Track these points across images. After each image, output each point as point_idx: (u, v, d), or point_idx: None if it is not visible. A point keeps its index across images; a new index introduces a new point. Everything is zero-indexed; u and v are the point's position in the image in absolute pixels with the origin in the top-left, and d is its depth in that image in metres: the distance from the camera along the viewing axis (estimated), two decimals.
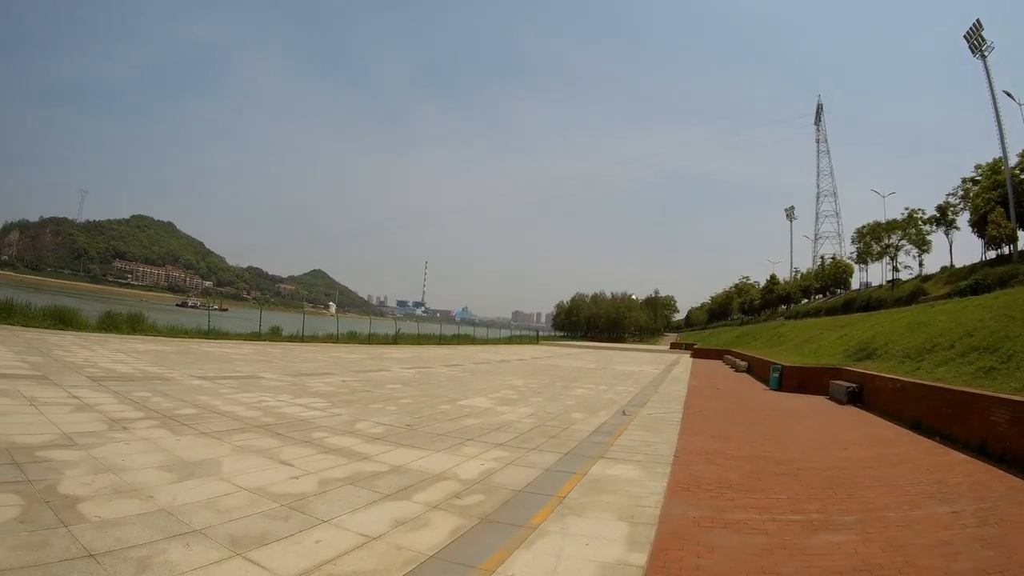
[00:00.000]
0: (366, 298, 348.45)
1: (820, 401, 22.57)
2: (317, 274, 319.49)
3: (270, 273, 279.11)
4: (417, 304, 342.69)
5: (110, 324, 29.08)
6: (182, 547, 5.14)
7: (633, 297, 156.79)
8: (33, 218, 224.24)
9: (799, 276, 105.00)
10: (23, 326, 24.70)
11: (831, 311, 67.65)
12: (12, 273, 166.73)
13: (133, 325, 30.08)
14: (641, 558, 5.63)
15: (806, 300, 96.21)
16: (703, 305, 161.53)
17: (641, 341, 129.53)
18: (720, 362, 51.06)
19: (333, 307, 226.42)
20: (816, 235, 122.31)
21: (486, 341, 65.72)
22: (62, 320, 27.22)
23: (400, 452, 9.82)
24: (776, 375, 27.51)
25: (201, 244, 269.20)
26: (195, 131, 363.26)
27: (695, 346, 74.91)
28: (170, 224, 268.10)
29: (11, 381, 12.00)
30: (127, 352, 20.90)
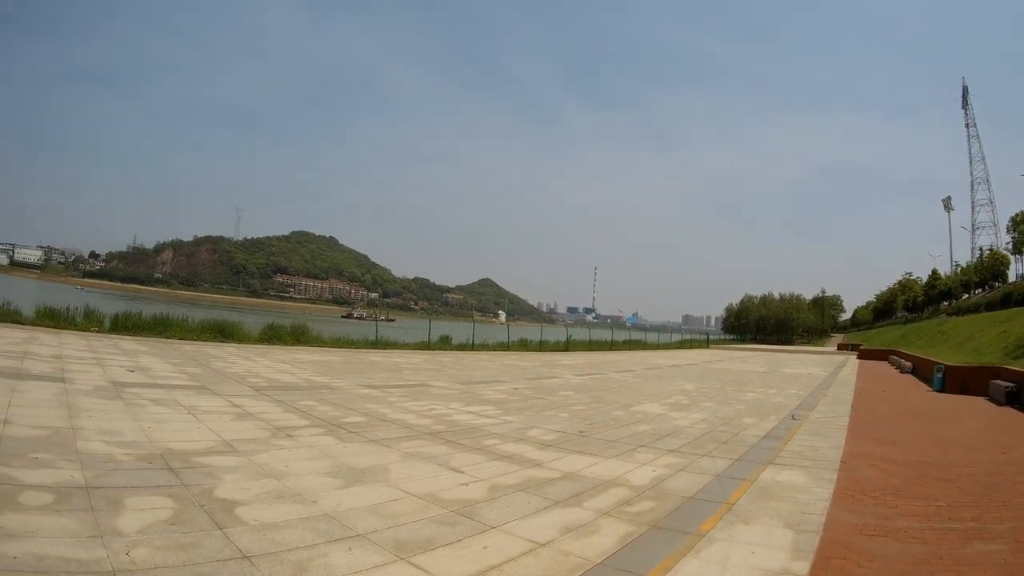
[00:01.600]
0: (536, 305, 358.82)
1: (980, 402, 24.19)
2: (485, 283, 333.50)
3: (437, 283, 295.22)
4: (588, 310, 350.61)
5: (273, 336, 32.27)
6: (344, 551, 5.64)
7: (801, 297, 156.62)
8: (187, 238, 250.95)
9: (959, 270, 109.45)
10: (180, 339, 27.76)
11: (990, 306, 70.32)
12: (167, 290, 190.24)
13: (297, 337, 33.17)
14: (804, 567, 6.11)
15: (966, 295, 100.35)
16: (868, 304, 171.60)
17: (809, 342, 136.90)
18: (886, 363, 54.82)
19: (503, 315, 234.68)
20: (973, 225, 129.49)
21: (657, 346, 71.24)
22: (222, 333, 30.42)
23: (572, 459, 10.69)
24: (939, 375, 29.87)
25: (366, 257, 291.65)
26: (349, 145, 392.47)
27: (861, 347, 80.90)
28: (332, 239, 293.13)
29: (168, 391, 13.57)
30: (291, 363, 23.15)
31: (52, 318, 25.99)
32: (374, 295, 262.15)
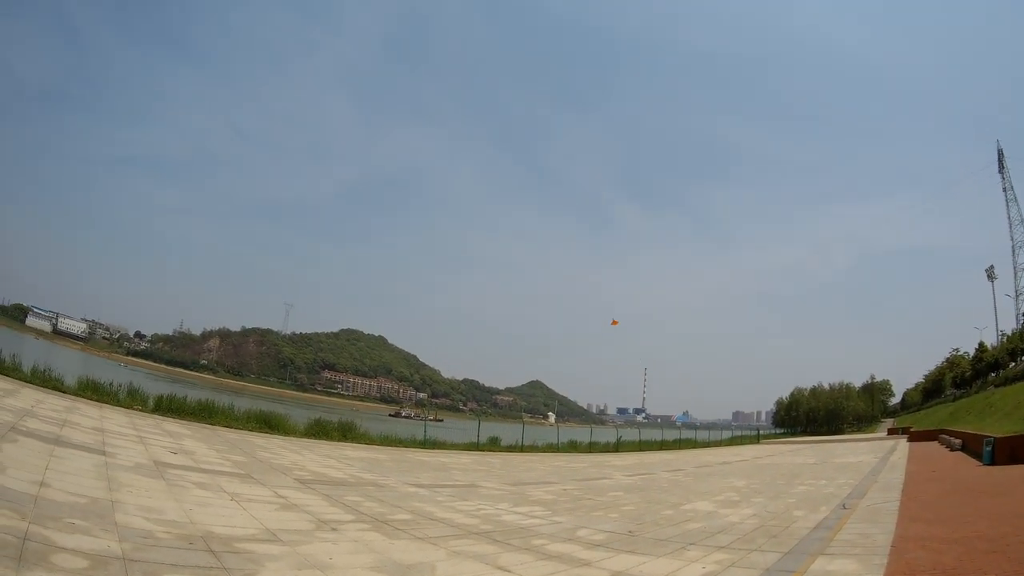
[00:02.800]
0: (586, 407, 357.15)
1: None
2: (535, 385, 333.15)
3: (486, 385, 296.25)
4: (638, 411, 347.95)
5: (320, 431, 32.32)
6: None
7: (850, 385, 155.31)
8: (234, 327, 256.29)
9: (1005, 339, 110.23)
10: (225, 427, 28.03)
11: None
12: (213, 376, 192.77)
13: (344, 433, 33.20)
14: None
15: (1013, 364, 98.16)
16: (917, 385, 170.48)
17: (860, 430, 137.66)
18: (936, 443, 55.28)
19: (552, 417, 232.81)
20: (1016, 291, 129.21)
21: (707, 444, 71.52)
22: (268, 424, 30.70)
23: (621, 558, 10.68)
24: (988, 449, 30.18)
25: (415, 357, 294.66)
26: (400, 244, 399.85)
27: (911, 429, 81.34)
28: (381, 338, 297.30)
29: (212, 476, 13.71)
30: (337, 458, 23.14)
31: (95, 391, 26.49)
32: (423, 395, 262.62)
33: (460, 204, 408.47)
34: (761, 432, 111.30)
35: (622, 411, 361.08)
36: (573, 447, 47.17)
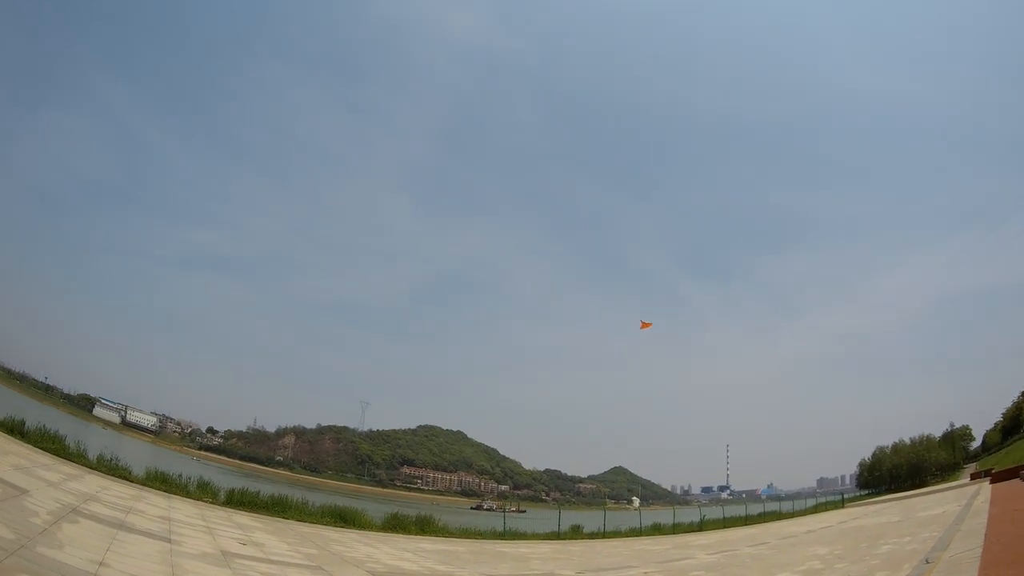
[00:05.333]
0: (669, 489, 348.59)
1: None
2: (618, 471, 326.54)
3: (568, 474, 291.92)
4: (722, 488, 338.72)
5: (397, 524, 32.10)
6: None
7: (931, 436, 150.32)
8: (309, 425, 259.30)
9: None
10: (298, 520, 28.12)
11: None
12: (288, 472, 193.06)
13: (422, 526, 32.99)
14: None
15: None
16: (996, 424, 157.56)
17: (943, 480, 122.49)
18: (1018, 480, 52.62)
19: (636, 501, 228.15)
20: None
21: (792, 514, 70.67)
22: (343, 518, 30.57)
23: None
24: None
25: (495, 450, 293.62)
26: (475, 340, 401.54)
27: (992, 471, 74.69)
28: (460, 433, 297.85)
29: (281, 568, 13.56)
30: (414, 551, 22.82)
31: (163, 482, 26.91)
32: (504, 487, 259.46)
33: (526, 295, 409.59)
34: (845, 496, 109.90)
35: (706, 490, 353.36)
36: (657, 530, 46.79)
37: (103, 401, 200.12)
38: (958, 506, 40.31)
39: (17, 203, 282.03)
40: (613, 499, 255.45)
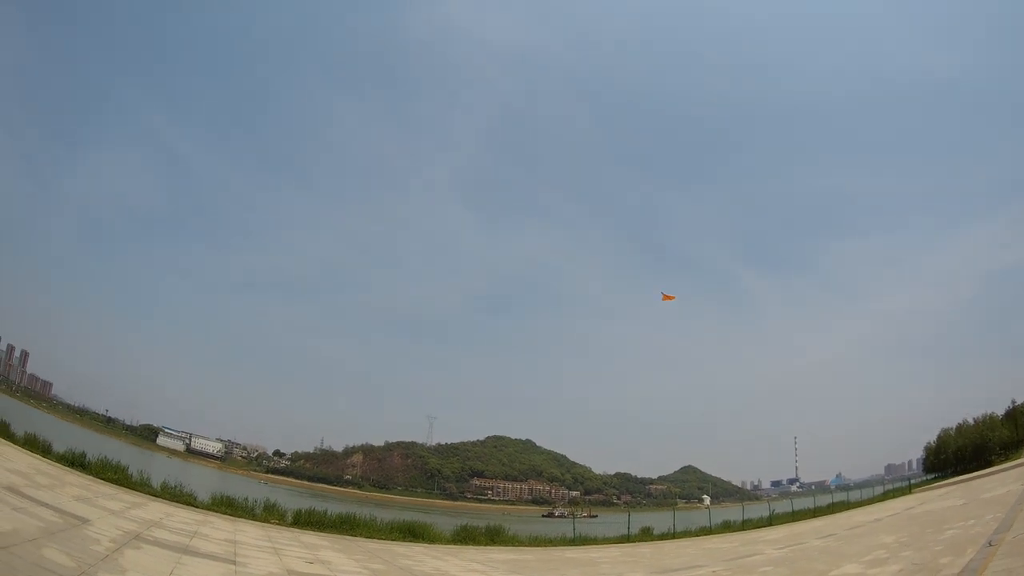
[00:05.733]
0: (740, 485, 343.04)
1: None
2: (688, 470, 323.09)
3: (639, 476, 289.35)
4: (791, 480, 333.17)
5: (466, 536, 32.28)
6: None
7: (993, 415, 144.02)
8: (377, 442, 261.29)
9: None
10: (367, 537, 28.34)
11: None
12: (357, 491, 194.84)
13: (492, 537, 33.07)
14: None
15: None
16: None
17: (1007, 459, 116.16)
18: None
19: (707, 499, 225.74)
20: None
21: (860, 503, 69.63)
22: (412, 533, 30.76)
23: None
24: None
25: (564, 457, 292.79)
26: (538, 348, 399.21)
27: None
28: (528, 441, 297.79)
29: None
30: (483, 562, 22.88)
31: (229, 506, 27.40)
32: (575, 493, 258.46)
33: (587, 296, 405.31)
34: (912, 481, 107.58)
35: (776, 484, 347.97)
36: (727, 527, 46.83)
37: (166, 430, 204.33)
38: (1021, 485, 40.16)
39: (73, 237, 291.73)
40: (684, 499, 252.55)
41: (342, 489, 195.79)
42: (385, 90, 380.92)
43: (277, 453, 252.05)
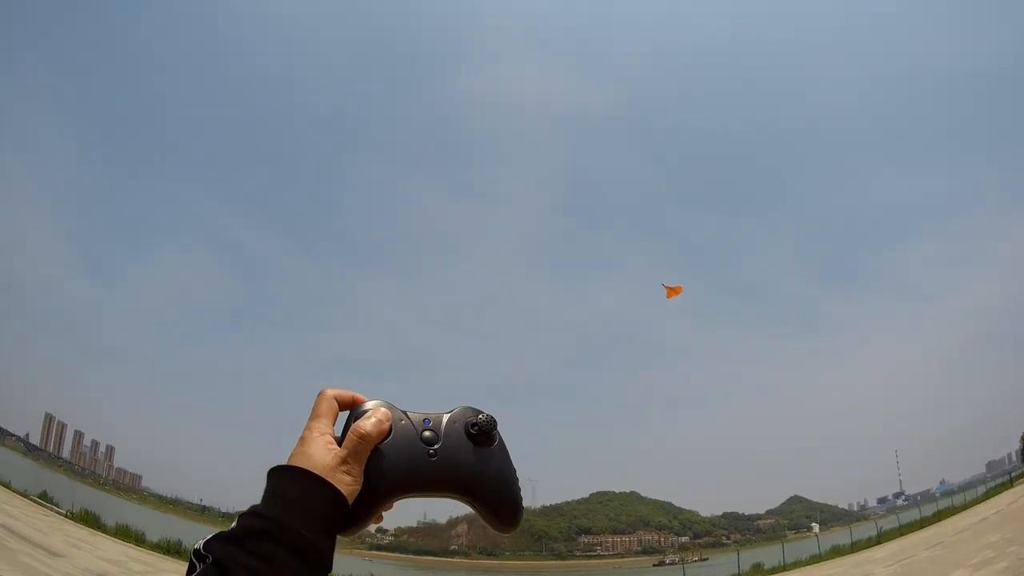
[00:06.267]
0: (846, 507, 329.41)
1: None
2: (794, 500, 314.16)
3: (746, 513, 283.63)
4: (897, 495, 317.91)
5: None
6: None
7: None
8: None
9: None
10: None
11: None
12: (465, 560, 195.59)
13: None
14: None
15: None
16: None
17: None
18: None
19: (815, 527, 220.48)
20: None
21: (964, 506, 67.23)
22: None
23: None
24: None
25: (670, 503, 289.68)
26: (629, 402, 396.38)
27: None
28: (633, 493, 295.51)
29: None
30: None
31: None
32: (684, 539, 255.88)
33: (674, 343, 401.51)
34: (1012, 474, 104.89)
35: (882, 500, 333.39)
36: (836, 552, 47.63)
37: None
38: None
39: (152, 338, 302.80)
40: (792, 530, 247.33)
41: (449, 559, 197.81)
42: (443, 162, 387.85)
43: (380, 530, 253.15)
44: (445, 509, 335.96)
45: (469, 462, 1.18)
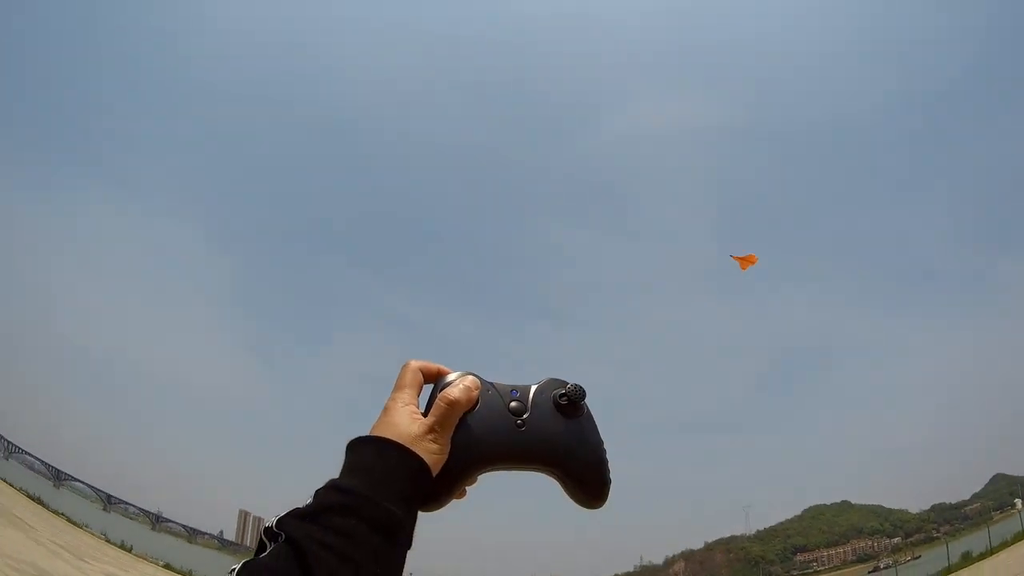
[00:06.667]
0: None
1: None
2: (998, 478, 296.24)
3: (952, 502, 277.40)
4: None
5: None
6: None
7: None
8: (695, 545, 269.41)
9: None
10: None
11: None
12: None
13: None
14: None
15: None
16: None
17: None
18: None
19: (1019, 503, 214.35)
20: None
21: None
22: None
23: None
24: None
25: (879, 506, 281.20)
26: (840, 405, 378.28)
27: None
28: (844, 502, 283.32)
29: None
30: None
31: None
32: (895, 539, 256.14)
33: (862, 339, 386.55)
34: None
35: None
36: None
37: None
38: None
39: (324, 417, 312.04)
40: (997, 510, 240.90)
41: None
42: (605, 210, 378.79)
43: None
44: (660, 550, 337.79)
45: (558, 433, 1.16)
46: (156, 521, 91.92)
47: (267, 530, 0.90)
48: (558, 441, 1.14)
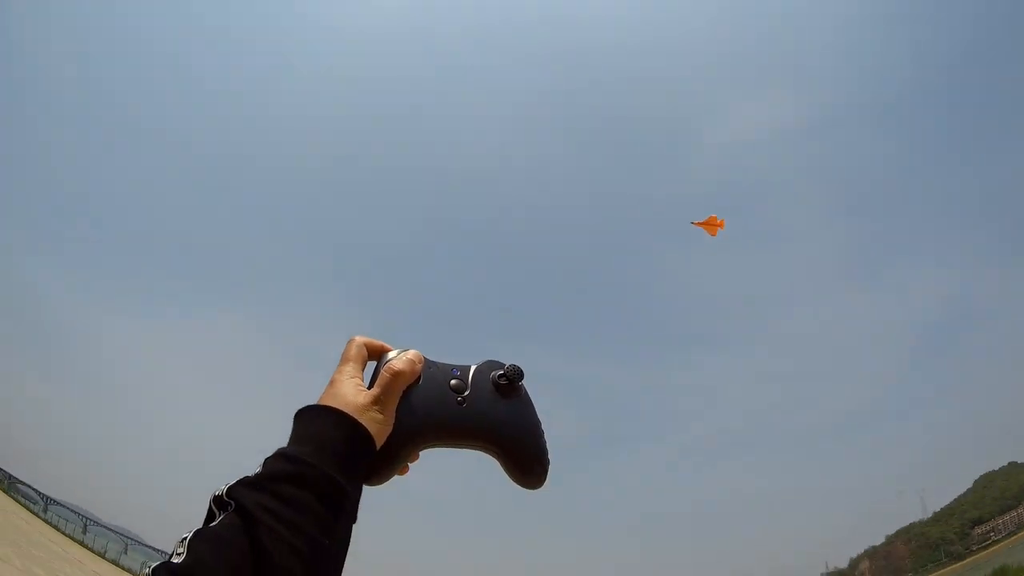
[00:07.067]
0: None
1: None
2: None
3: None
4: None
5: None
6: None
7: None
8: (876, 540, 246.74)
9: None
10: None
11: None
12: None
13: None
14: None
15: None
16: None
17: None
18: None
19: None
20: None
21: None
22: None
23: None
24: None
25: None
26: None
27: None
28: (1011, 464, 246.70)
29: None
30: None
31: None
32: None
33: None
34: None
35: None
36: None
37: None
38: None
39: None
40: None
41: None
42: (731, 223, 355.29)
43: None
44: (844, 551, 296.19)
45: (497, 412, 1.17)
46: None
47: (217, 499, 0.91)
48: (497, 420, 1.17)
